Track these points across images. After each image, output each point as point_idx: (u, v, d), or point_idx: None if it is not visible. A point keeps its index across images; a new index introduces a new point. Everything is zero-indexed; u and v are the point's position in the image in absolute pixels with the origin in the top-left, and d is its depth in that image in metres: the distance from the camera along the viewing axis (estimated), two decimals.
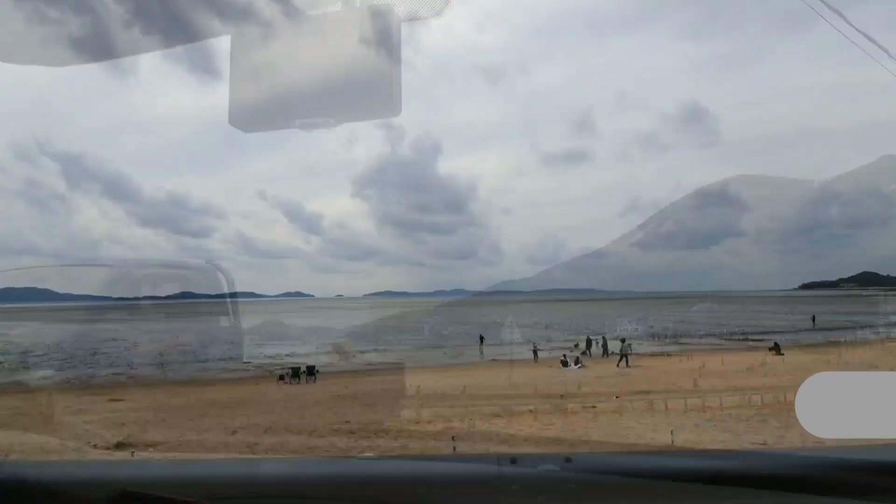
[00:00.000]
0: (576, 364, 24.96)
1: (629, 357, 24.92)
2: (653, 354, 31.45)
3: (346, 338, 52.77)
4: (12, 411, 15.94)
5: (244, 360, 35.96)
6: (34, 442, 10.41)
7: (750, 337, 44.15)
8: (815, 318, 58.57)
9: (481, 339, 44.24)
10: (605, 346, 30.75)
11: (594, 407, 11.74)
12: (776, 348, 25.39)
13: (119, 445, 9.64)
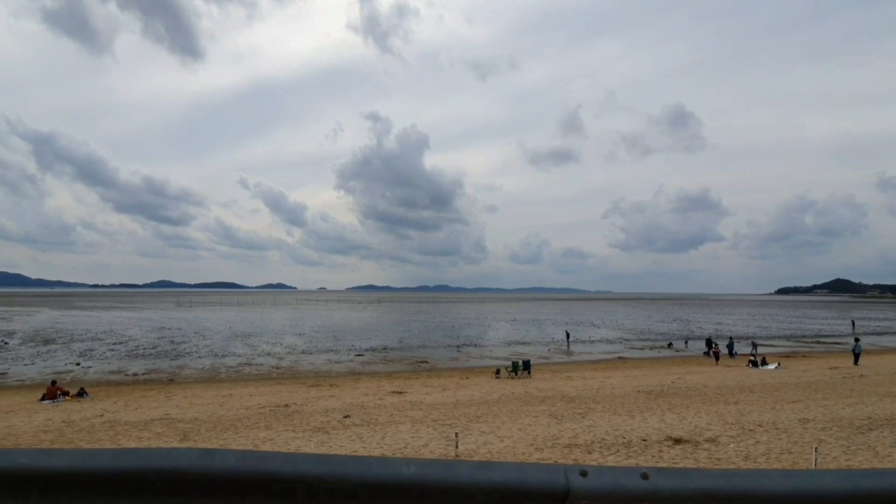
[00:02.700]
0: (763, 363, 25.10)
1: (859, 357, 24.92)
2: (786, 355, 32.15)
3: (406, 334, 52.04)
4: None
5: (356, 353, 34.81)
6: None
7: (821, 340, 45.88)
8: (855, 323, 61.49)
9: (567, 335, 44.54)
10: (731, 346, 31.44)
11: None
12: None
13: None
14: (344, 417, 12.05)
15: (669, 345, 40.52)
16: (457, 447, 8.58)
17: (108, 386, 19.73)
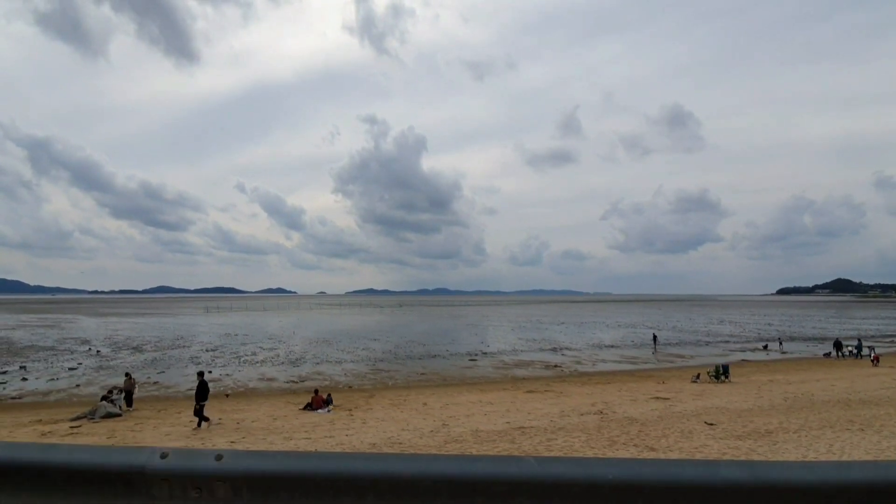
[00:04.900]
0: None
1: None
2: None
3: (475, 337, 51.44)
4: None
5: (469, 357, 34.13)
6: None
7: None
8: None
9: (654, 338, 44.43)
10: (859, 347, 31.58)
11: None
12: None
13: None
14: (709, 425, 11.49)
15: (765, 346, 40.34)
16: None
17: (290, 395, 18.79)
